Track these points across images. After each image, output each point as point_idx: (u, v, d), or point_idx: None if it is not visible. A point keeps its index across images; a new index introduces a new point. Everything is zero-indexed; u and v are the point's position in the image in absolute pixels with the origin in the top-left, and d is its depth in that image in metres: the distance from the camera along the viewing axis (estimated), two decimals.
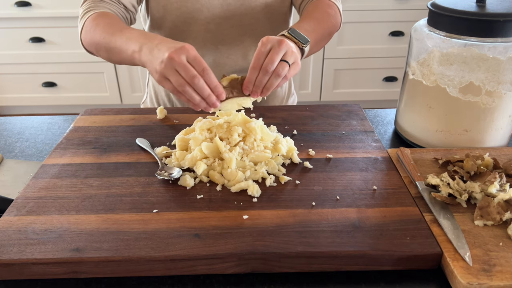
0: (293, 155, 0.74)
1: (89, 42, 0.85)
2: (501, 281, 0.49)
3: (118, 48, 0.77)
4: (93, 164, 0.73)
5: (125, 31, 0.77)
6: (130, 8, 0.91)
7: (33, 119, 0.97)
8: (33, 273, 0.54)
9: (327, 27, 0.92)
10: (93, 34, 0.82)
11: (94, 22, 0.82)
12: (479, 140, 0.78)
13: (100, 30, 0.80)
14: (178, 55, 0.65)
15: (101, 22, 0.81)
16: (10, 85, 2.52)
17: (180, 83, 0.66)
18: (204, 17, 0.96)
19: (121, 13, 0.89)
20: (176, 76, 0.66)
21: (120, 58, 0.79)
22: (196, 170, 0.68)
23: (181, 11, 0.94)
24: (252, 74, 0.70)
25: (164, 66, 0.66)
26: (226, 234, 0.57)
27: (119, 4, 0.89)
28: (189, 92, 0.67)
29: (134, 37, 0.74)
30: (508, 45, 0.69)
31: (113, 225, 0.58)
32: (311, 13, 0.90)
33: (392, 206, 0.62)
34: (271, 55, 0.69)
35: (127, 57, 0.76)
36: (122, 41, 0.76)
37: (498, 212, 0.58)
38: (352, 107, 0.94)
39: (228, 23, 0.98)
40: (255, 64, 0.70)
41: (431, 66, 0.75)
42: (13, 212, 0.61)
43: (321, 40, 0.91)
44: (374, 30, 2.36)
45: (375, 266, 0.55)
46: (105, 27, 0.80)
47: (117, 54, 0.79)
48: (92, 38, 0.82)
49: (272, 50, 0.70)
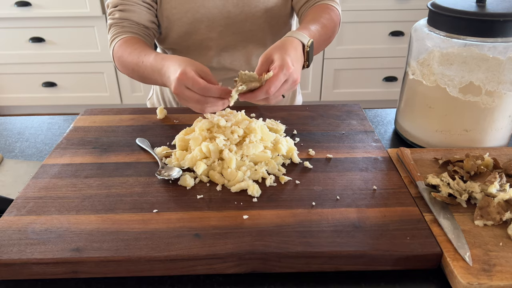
0: (293, 155, 0.74)
1: (121, 70, 0.94)
2: (501, 281, 0.49)
3: (146, 76, 0.85)
4: (93, 164, 0.73)
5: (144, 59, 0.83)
6: (150, 25, 0.96)
7: (33, 119, 0.97)
8: (33, 273, 0.54)
9: (330, 32, 0.92)
10: (122, 65, 0.91)
11: (120, 49, 0.90)
12: (479, 140, 0.78)
13: (125, 60, 0.89)
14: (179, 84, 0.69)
15: (127, 49, 0.89)
16: (10, 85, 2.52)
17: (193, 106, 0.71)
18: (205, 26, 0.97)
19: (143, 32, 0.95)
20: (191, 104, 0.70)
21: (153, 82, 0.87)
22: (196, 170, 0.68)
23: (183, 22, 0.96)
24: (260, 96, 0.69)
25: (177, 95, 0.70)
26: (226, 234, 0.57)
27: (139, 25, 0.95)
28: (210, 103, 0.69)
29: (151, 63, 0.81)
30: (508, 45, 0.69)
31: (113, 225, 0.58)
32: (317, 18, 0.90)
33: (392, 206, 0.62)
34: (280, 90, 0.70)
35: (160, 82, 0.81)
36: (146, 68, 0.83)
37: (498, 212, 0.58)
38: (352, 107, 0.94)
39: (229, 31, 0.99)
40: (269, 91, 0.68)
41: (431, 66, 0.75)
42: (13, 212, 0.61)
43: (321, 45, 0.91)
44: (374, 30, 2.36)
45: (375, 266, 0.55)
46: (131, 54, 0.87)
47: (148, 80, 0.87)
48: (122, 68, 0.93)
49: (284, 85, 0.70)
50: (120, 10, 0.94)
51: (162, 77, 0.77)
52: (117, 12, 0.94)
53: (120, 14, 0.93)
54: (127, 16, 0.93)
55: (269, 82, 0.68)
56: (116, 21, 0.94)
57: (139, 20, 0.94)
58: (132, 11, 0.93)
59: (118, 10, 0.94)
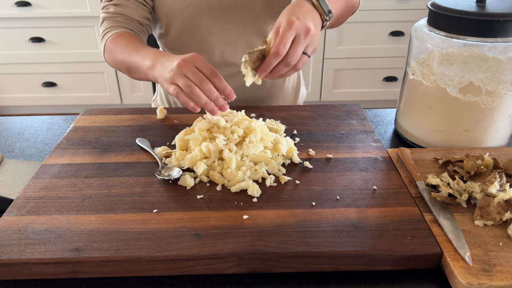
0: (293, 155, 0.74)
1: (111, 62, 0.93)
2: (501, 281, 0.49)
3: (135, 66, 0.83)
4: (93, 164, 0.73)
5: (141, 50, 0.83)
6: (144, 22, 0.96)
7: (33, 119, 0.97)
8: (33, 273, 0.54)
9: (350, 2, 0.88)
10: (113, 56, 0.90)
11: (112, 44, 0.89)
12: (479, 140, 0.78)
13: (118, 51, 0.87)
14: (187, 62, 0.70)
15: (119, 43, 0.88)
16: (10, 85, 2.52)
17: (188, 85, 0.69)
18: (206, 21, 0.96)
19: (136, 28, 0.95)
20: (184, 79, 0.70)
21: (138, 75, 0.86)
22: (196, 170, 0.68)
23: (184, 17, 0.95)
24: (273, 61, 0.66)
25: (173, 73, 0.71)
26: (226, 234, 0.57)
27: (133, 21, 0.94)
28: (196, 91, 0.69)
29: (148, 55, 0.80)
30: (508, 45, 0.69)
31: (113, 225, 0.58)
32: None
33: (392, 206, 0.62)
34: (295, 47, 0.65)
35: (142, 73, 0.82)
36: (138, 60, 0.82)
37: (498, 212, 0.58)
38: (352, 107, 0.94)
39: (231, 25, 0.98)
40: (278, 50, 0.64)
41: (431, 66, 0.75)
42: (13, 212, 0.61)
43: (342, 15, 0.87)
44: (374, 30, 2.36)
45: (375, 266, 0.55)
46: (123, 48, 0.87)
47: (134, 72, 0.86)
48: (113, 59, 0.90)
49: (297, 40, 0.65)
50: (114, 4, 0.93)
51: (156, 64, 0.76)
52: (112, 6, 0.93)
53: (115, 8, 0.93)
54: (121, 11, 0.93)
55: (275, 40, 0.64)
56: (110, 15, 0.93)
57: (133, 15, 0.93)
58: (126, 6, 0.93)
59: (113, 5, 0.93)
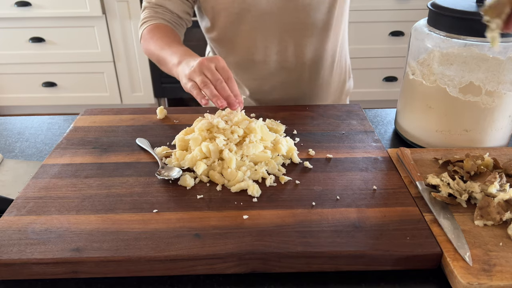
0: (293, 155, 0.74)
1: (145, 50, 0.97)
2: (501, 281, 0.49)
3: (163, 60, 0.88)
4: (93, 164, 0.73)
5: (172, 46, 0.87)
6: (184, 16, 0.99)
7: (33, 119, 0.97)
8: (33, 273, 0.54)
9: None
10: (148, 46, 0.94)
11: (149, 34, 0.94)
12: (479, 140, 0.78)
13: (153, 42, 0.92)
14: (208, 62, 0.74)
15: (155, 35, 0.93)
16: (10, 85, 2.52)
17: (204, 81, 0.73)
18: (252, 16, 0.96)
19: (174, 21, 0.98)
20: (202, 76, 0.74)
21: (165, 69, 0.90)
22: (196, 170, 0.68)
23: (229, 12, 0.96)
24: None
25: (192, 70, 0.75)
26: (226, 234, 0.57)
27: (172, 14, 0.97)
28: (209, 87, 0.72)
29: (177, 52, 0.84)
30: (508, 45, 0.69)
31: (113, 225, 0.58)
32: None
33: (392, 206, 0.62)
34: None
35: (168, 68, 0.87)
36: (167, 55, 0.87)
37: (498, 212, 0.58)
38: (352, 107, 0.94)
39: (276, 20, 0.96)
40: None
41: (431, 66, 0.75)
42: (13, 212, 0.61)
43: None
44: (374, 30, 2.36)
45: (375, 266, 0.55)
46: (157, 40, 0.91)
47: (162, 65, 0.91)
48: (147, 48, 0.95)
49: None
50: None
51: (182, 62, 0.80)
52: None
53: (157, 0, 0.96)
54: (162, 3, 0.96)
55: None
56: (152, 5, 0.97)
57: (174, 9, 0.96)
58: None
59: None
